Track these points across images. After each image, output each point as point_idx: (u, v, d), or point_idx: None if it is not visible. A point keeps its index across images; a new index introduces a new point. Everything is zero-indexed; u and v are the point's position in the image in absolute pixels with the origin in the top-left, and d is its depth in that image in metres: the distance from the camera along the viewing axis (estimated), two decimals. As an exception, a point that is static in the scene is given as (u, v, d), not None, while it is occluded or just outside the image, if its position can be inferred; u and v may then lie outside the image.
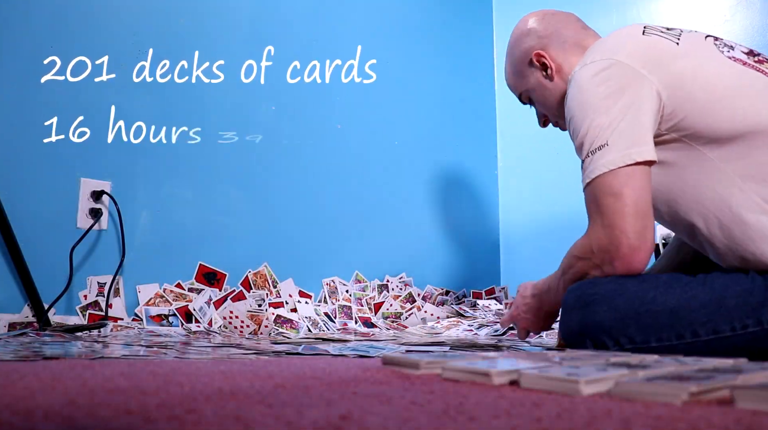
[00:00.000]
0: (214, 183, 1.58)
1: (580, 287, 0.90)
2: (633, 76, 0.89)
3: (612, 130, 0.87)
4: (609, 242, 0.85)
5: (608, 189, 0.85)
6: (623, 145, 0.86)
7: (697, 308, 0.82)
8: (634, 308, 0.84)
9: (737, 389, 0.43)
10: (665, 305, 0.83)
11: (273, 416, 0.38)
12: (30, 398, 0.42)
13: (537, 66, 1.12)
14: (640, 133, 0.86)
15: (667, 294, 0.84)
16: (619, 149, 0.85)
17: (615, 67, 0.90)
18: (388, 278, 1.86)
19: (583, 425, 0.37)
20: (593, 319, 0.86)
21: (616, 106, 0.88)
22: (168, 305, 1.41)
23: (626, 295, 0.85)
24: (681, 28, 0.99)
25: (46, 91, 1.35)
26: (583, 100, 0.92)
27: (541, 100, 1.15)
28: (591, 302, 0.87)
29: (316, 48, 1.83)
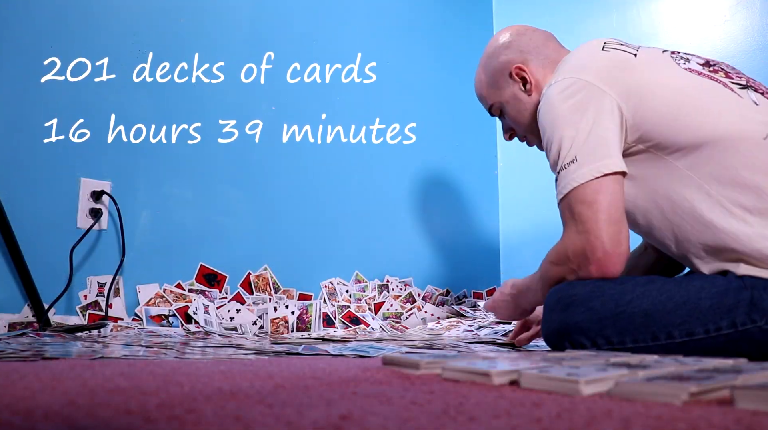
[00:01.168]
0: (214, 183, 1.58)
1: (561, 289, 0.92)
2: (594, 92, 0.93)
3: (579, 145, 0.90)
4: (584, 247, 0.88)
5: (581, 198, 0.89)
6: (591, 159, 0.89)
7: (671, 310, 0.84)
8: (611, 310, 0.86)
9: (737, 389, 0.43)
10: (640, 307, 0.85)
11: (273, 416, 0.38)
12: (30, 398, 0.42)
13: (515, 80, 1.14)
14: (605, 146, 0.90)
15: (643, 296, 0.86)
16: (588, 163, 0.89)
17: (577, 85, 0.94)
18: (388, 278, 1.87)
19: (583, 425, 0.37)
20: (572, 320, 0.88)
21: (581, 122, 0.91)
22: (168, 305, 1.41)
23: (603, 297, 0.87)
24: (639, 44, 1.03)
25: (46, 91, 1.35)
26: (551, 117, 0.95)
27: (514, 114, 1.17)
28: (570, 304, 0.89)
29: (317, 50, 1.83)
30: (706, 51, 1.76)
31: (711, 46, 1.75)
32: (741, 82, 0.94)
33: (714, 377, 0.48)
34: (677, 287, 0.86)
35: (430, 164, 2.08)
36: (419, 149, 2.04)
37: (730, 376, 0.50)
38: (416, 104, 2.07)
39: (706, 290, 0.84)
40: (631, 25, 1.94)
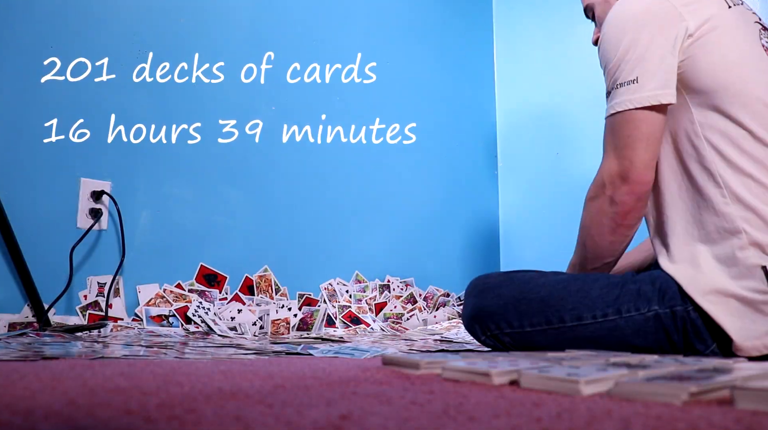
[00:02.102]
0: (214, 183, 1.58)
1: (478, 278, 1.00)
2: (673, 15, 0.90)
3: (644, 67, 0.89)
4: (620, 168, 0.90)
5: (629, 121, 0.89)
6: (652, 85, 0.88)
7: (564, 297, 0.91)
8: (514, 296, 0.94)
9: (737, 389, 0.43)
10: (538, 294, 0.93)
11: (273, 416, 0.38)
12: (30, 398, 0.42)
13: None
14: (668, 75, 0.89)
15: (543, 285, 0.93)
16: (647, 89, 0.88)
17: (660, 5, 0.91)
18: (389, 278, 1.86)
19: (583, 425, 0.37)
20: (482, 304, 0.97)
21: (650, 43, 0.89)
22: (168, 305, 1.41)
23: (511, 285, 0.95)
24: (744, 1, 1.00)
25: (46, 91, 1.35)
26: (619, 27, 0.93)
27: (601, 17, 1.14)
28: (483, 290, 0.97)
29: (317, 50, 1.83)
30: (706, 51, 1.76)
31: (711, 46, 1.75)
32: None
33: (714, 377, 0.48)
34: (575, 279, 0.94)
35: (430, 164, 2.08)
36: (419, 149, 2.04)
37: (730, 376, 0.50)
38: (416, 104, 2.07)
39: (600, 282, 0.92)
40: (631, 25, 1.94)
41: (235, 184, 1.62)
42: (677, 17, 0.90)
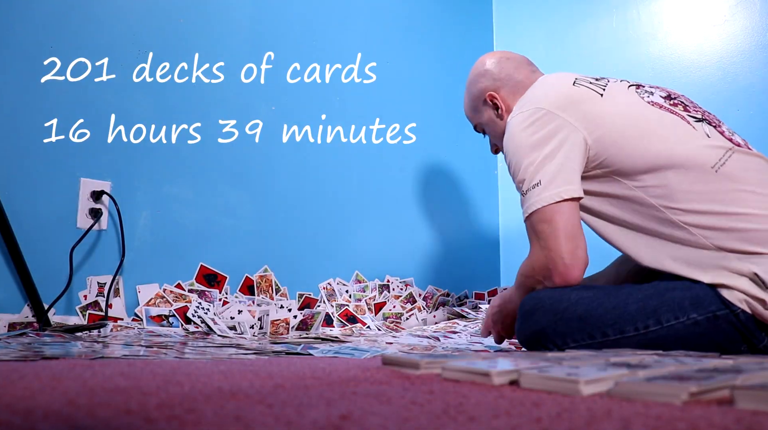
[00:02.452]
0: (214, 183, 1.58)
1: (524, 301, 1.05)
2: (558, 122, 1.02)
3: (544, 171, 1.00)
4: (546, 262, 1.00)
5: (543, 218, 1.00)
6: (553, 185, 0.99)
7: (602, 314, 0.95)
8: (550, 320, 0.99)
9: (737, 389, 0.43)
10: (575, 312, 0.97)
11: (273, 416, 0.38)
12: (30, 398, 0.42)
13: (490, 105, 1.28)
14: (567, 173, 1.00)
15: (576, 302, 0.98)
16: (550, 188, 0.99)
17: (543, 116, 1.03)
18: (388, 278, 1.87)
19: (583, 425, 0.37)
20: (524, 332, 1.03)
21: (545, 150, 1.01)
22: (168, 305, 1.41)
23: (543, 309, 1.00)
24: (608, 78, 1.11)
25: (46, 91, 1.35)
26: (516, 144, 1.05)
27: (492, 134, 1.32)
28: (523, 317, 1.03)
29: (317, 50, 1.83)
30: (706, 51, 1.76)
31: (711, 46, 1.76)
32: (697, 115, 1.02)
33: (714, 377, 0.48)
34: (607, 294, 0.98)
35: (430, 164, 2.08)
36: (419, 149, 2.04)
37: (730, 376, 0.50)
38: (416, 104, 2.07)
39: (633, 296, 0.95)
40: (631, 25, 1.94)
41: (235, 184, 1.62)
42: (564, 124, 1.02)
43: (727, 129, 1.03)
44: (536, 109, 1.04)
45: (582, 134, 1.01)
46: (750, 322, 0.88)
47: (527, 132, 1.04)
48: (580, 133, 1.01)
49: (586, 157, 1.01)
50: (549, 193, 0.99)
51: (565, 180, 1.00)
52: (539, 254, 1.01)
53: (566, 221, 0.98)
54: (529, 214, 1.02)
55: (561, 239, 0.98)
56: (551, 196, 0.99)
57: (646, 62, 1.87)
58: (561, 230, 0.98)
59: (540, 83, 1.14)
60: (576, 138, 1.00)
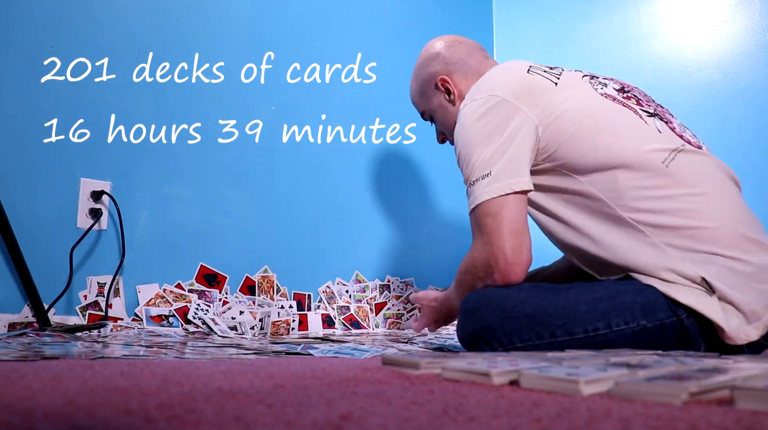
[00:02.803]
0: (214, 183, 1.58)
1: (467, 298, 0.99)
2: (513, 111, 0.98)
3: (494, 162, 0.96)
4: (488, 257, 0.95)
5: (488, 211, 0.95)
6: (503, 176, 0.95)
7: (552, 313, 0.91)
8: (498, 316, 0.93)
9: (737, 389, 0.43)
10: (523, 311, 0.92)
11: (273, 416, 0.38)
12: (30, 398, 0.42)
13: (441, 90, 1.23)
14: (518, 165, 0.96)
15: (526, 301, 0.93)
16: (499, 180, 0.95)
17: (497, 104, 0.99)
18: (389, 279, 1.86)
19: (582, 425, 0.37)
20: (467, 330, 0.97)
21: (498, 140, 0.96)
22: (168, 305, 1.41)
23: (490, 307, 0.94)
24: (563, 67, 1.08)
25: (46, 91, 1.35)
26: (467, 134, 1.00)
27: (442, 121, 1.26)
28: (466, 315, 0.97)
29: (317, 50, 1.83)
30: (706, 51, 1.76)
31: (711, 46, 1.76)
32: (649, 110, 1.00)
33: (714, 377, 0.48)
34: (556, 293, 0.93)
35: (430, 164, 2.08)
36: (419, 149, 2.04)
37: (730, 376, 0.50)
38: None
39: (583, 297, 0.91)
40: (631, 25, 1.94)
41: (235, 184, 1.62)
42: (518, 113, 0.97)
43: (679, 124, 1.01)
44: (490, 96, 1.00)
45: (534, 123, 0.97)
46: (693, 328, 0.87)
47: (480, 122, 0.99)
48: (532, 122, 0.97)
49: (536, 149, 0.98)
50: (497, 184, 0.95)
51: (514, 172, 0.95)
52: (481, 249, 0.96)
53: (512, 215, 0.94)
54: (474, 206, 0.97)
55: (505, 235, 0.93)
56: (499, 188, 0.94)
57: (646, 62, 1.87)
58: (505, 226, 0.93)
59: (494, 71, 1.08)
60: (528, 128, 0.97)
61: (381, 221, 1.91)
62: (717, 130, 1.68)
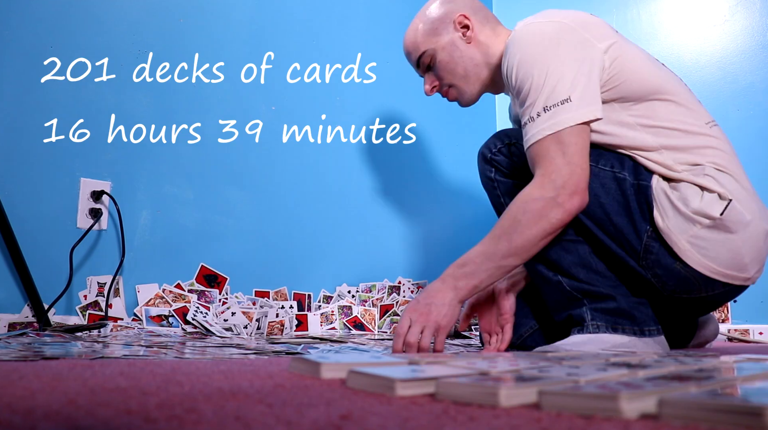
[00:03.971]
0: (214, 183, 1.58)
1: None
2: (584, 41, 0.98)
3: (574, 87, 0.94)
4: (570, 176, 0.92)
5: (573, 138, 0.93)
6: (585, 102, 0.94)
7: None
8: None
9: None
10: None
11: (273, 416, 0.38)
12: (30, 398, 0.42)
13: (457, 27, 1.17)
14: (596, 92, 0.96)
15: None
16: (581, 106, 0.94)
17: (570, 30, 0.99)
18: (400, 280, 1.84)
19: (582, 424, 0.37)
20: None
21: (575, 66, 0.95)
22: (168, 305, 1.41)
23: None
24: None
25: (46, 91, 1.35)
26: (539, 53, 0.97)
27: (446, 61, 1.18)
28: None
29: (317, 50, 1.83)
30: (706, 51, 1.76)
31: (711, 46, 1.76)
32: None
33: (714, 378, 0.48)
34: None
35: (430, 164, 2.08)
36: (419, 149, 2.04)
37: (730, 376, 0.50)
38: (416, 104, 2.07)
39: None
40: (631, 25, 1.94)
41: (235, 184, 1.62)
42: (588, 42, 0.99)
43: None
44: (562, 23, 0.99)
45: (602, 56, 0.98)
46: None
47: (553, 45, 0.96)
48: (601, 54, 0.98)
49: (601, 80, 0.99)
50: (581, 111, 0.93)
51: (594, 99, 0.95)
52: (564, 169, 0.92)
53: (588, 143, 0.95)
54: (556, 131, 0.93)
55: (585, 161, 0.93)
56: (584, 115, 0.93)
57: (646, 62, 1.87)
58: (586, 152, 0.94)
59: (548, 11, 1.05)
60: (599, 58, 0.98)
61: (381, 221, 1.91)
62: (717, 130, 1.68)
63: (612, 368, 0.55)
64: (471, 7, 1.18)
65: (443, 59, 1.18)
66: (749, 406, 0.34)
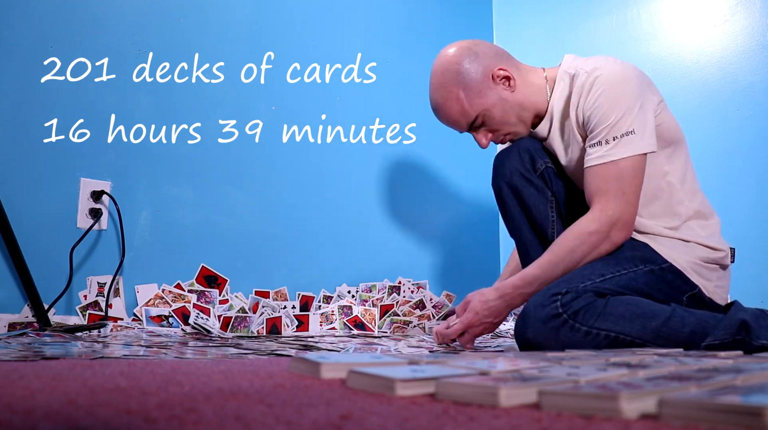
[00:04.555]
0: (214, 183, 1.58)
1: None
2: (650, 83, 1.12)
3: (641, 121, 1.05)
4: (623, 214, 1.04)
5: (636, 170, 1.05)
6: (646, 135, 1.05)
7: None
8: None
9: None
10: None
11: (273, 416, 0.38)
12: (30, 398, 0.42)
13: (498, 81, 1.18)
14: (653, 128, 1.07)
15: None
16: (643, 138, 1.05)
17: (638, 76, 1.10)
18: (400, 280, 1.84)
19: (582, 424, 0.37)
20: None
21: (643, 103, 1.06)
22: (167, 306, 1.40)
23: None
24: None
25: (46, 91, 1.35)
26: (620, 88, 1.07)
27: (500, 115, 1.19)
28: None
29: (317, 50, 1.83)
30: (706, 51, 1.76)
31: (711, 46, 1.75)
32: None
33: (714, 377, 0.48)
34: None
35: (430, 164, 2.08)
36: (419, 149, 2.04)
37: (730, 376, 0.50)
38: (416, 104, 2.07)
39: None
40: (631, 25, 1.94)
41: (235, 184, 1.62)
42: (652, 86, 1.12)
43: None
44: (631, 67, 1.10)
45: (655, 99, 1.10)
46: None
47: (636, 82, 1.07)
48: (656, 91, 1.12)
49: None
50: (644, 143, 1.04)
51: (651, 134, 1.06)
52: (622, 206, 1.04)
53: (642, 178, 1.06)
54: (622, 157, 1.03)
55: (639, 194, 1.05)
56: (645, 146, 1.04)
57: (646, 62, 1.87)
58: (640, 187, 1.05)
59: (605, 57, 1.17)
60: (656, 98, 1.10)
61: (380, 221, 1.91)
62: (717, 130, 1.68)
63: (612, 368, 0.55)
64: (500, 55, 1.20)
65: (496, 116, 1.19)
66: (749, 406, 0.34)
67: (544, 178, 1.19)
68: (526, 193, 1.20)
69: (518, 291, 1.07)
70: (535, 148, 1.21)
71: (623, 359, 0.65)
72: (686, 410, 0.37)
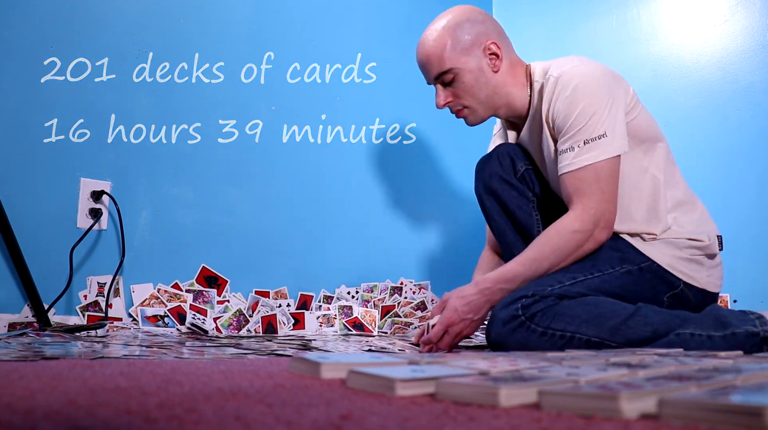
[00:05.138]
0: (214, 183, 1.58)
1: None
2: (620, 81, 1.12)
3: (611, 123, 1.05)
4: (604, 214, 1.04)
5: (612, 171, 1.05)
6: (618, 136, 1.05)
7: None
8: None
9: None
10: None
11: (273, 416, 0.38)
12: (30, 398, 0.42)
13: (486, 53, 1.17)
14: (623, 128, 1.07)
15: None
16: (616, 140, 1.05)
17: (612, 76, 1.10)
18: (402, 281, 1.84)
19: (582, 425, 0.37)
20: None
21: (613, 104, 1.06)
22: (162, 306, 1.40)
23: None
24: None
25: (46, 91, 1.35)
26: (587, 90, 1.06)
27: (471, 85, 1.17)
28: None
29: (317, 50, 1.83)
30: (706, 51, 1.76)
31: (711, 46, 1.75)
32: None
33: (714, 377, 0.48)
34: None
35: (430, 164, 2.08)
36: (419, 149, 2.04)
37: (730, 376, 0.50)
38: (416, 104, 2.07)
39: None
40: (631, 25, 1.94)
41: (235, 184, 1.62)
42: (623, 82, 1.12)
43: None
44: (603, 67, 1.10)
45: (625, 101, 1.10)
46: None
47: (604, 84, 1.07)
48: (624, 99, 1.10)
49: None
50: (617, 144, 1.04)
51: (623, 135, 1.06)
52: (602, 206, 1.04)
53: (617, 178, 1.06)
54: (596, 161, 1.04)
55: (616, 196, 1.06)
56: (619, 148, 1.05)
57: (646, 62, 1.87)
58: (617, 186, 1.05)
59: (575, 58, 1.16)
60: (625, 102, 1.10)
61: (381, 221, 1.91)
62: (717, 131, 1.68)
63: (612, 368, 0.55)
64: (500, 34, 1.20)
65: (468, 82, 1.17)
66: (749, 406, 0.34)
67: (525, 181, 1.22)
68: (507, 196, 1.22)
69: (498, 286, 1.03)
70: (515, 152, 1.24)
71: (623, 359, 0.65)
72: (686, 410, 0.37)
